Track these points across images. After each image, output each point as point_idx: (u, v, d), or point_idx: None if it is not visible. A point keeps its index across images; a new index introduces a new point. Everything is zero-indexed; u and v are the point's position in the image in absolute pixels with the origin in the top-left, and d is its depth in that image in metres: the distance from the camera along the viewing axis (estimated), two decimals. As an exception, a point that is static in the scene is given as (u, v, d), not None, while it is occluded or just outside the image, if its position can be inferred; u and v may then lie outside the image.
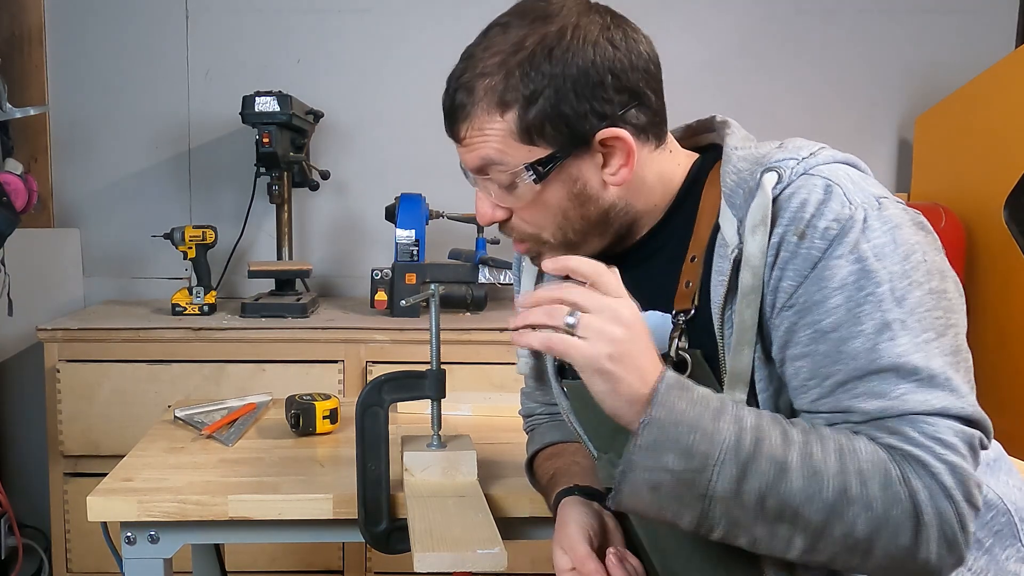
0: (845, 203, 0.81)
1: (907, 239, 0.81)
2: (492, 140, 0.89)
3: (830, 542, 0.76)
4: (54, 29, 2.61)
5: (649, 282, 0.96)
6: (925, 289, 0.79)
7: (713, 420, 0.77)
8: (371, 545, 1.13)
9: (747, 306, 0.84)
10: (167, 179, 2.67)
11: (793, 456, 0.76)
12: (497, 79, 0.87)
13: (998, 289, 2.26)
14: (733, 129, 0.95)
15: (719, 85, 2.67)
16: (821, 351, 0.81)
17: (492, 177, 0.91)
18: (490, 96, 0.88)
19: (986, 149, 2.28)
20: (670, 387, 0.78)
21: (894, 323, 0.78)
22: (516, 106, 0.87)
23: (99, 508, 1.13)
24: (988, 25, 2.71)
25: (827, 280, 0.80)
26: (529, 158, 0.88)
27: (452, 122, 0.92)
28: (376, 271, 2.31)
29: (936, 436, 0.76)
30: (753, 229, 0.83)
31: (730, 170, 0.89)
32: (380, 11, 2.65)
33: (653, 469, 0.77)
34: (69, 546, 2.21)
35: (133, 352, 2.14)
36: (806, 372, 0.82)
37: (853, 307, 0.79)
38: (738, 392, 0.86)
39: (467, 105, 0.89)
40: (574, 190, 0.91)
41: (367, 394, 1.10)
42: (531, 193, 0.90)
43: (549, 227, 0.93)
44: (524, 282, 1.12)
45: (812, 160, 0.85)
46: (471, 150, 0.91)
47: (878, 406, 0.78)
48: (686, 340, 0.91)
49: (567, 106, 0.87)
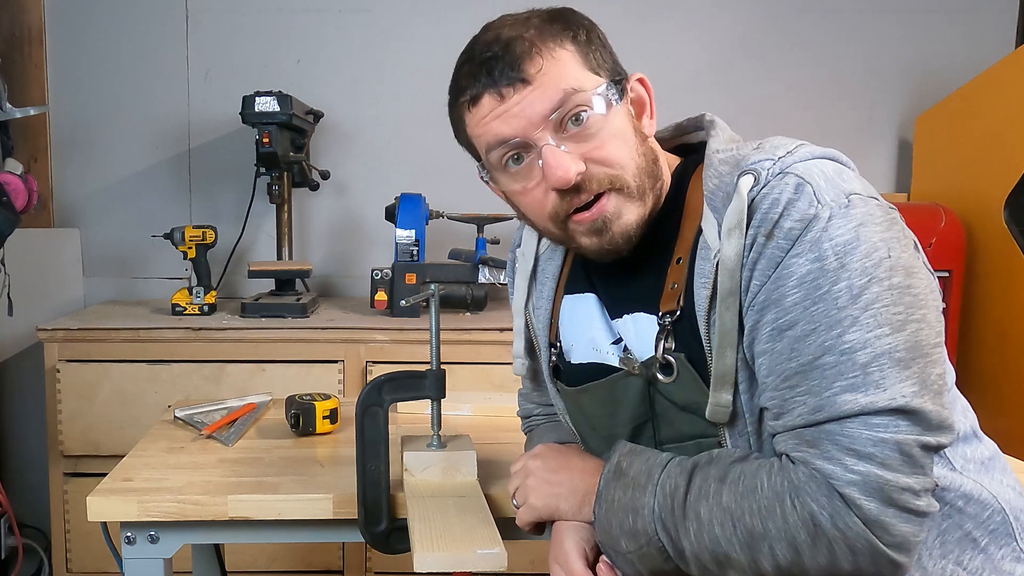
0: (812, 202, 0.80)
1: (871, 236, 0.79)
2: (568, 67, 0.87)
3: (769, 572, 0.82)
4: (54, 29, 2.61)
5: (635, 284, 0.96)
6: (885, 285, 0.78)
7: (643, 495, 0.88)
8: (371, 545, 1.13)
9: (727, 309, 0.84)
10: (167, 179, 2.67)
11: (708, 509, 0.84)
12: (541, 25, 0.89)
13: (998, 289, 2.26)
14: (718, 131, 0.95)
15: (719, 85, 2.67)
16: (778, 348, 0.81)
17: (567, 109, 0.86)
18: (545, 32, 0.88)
19: (986, 149, 2.28)
20: (608, 482, 0.92)
21: (845, 319, 0.78)
22: (570, 39, 0.89)
23: (99, 508, 1.13)
24: (988, 25, 2.71)
25: (786, 279, 0.80)
26: (595, 83, 0.88)
27: (513, 65, 0.86)
28: (376, 271, 2.31)
29: (850, 448, 0.77)
30: (729, 232, 0.83)
31: (711, 174, 0.89)
32: (380, 11, 2.65)
33: (618, 552, 0.91)
34: (69, 546, 2.21)
35: (133, 352, 2.14)
36: (765, 369, 0.83)
37: (809, 305, 0.79)
38: (724, 393, 0.87)
39: (527, 43, 0.87)
40: (631, 123, 0.91)
41: (367, 394, 1.10)
42: (605, 123, 0.88)
43: (629, 160, 0.89)
44: (518, 283, 1.11)
45: (788, 159, 0.85)
46: (544, 86, 0.86)
47: (810, 406, 0.80)
48: (672, 341, 0.91)
49: (607, 45, 0.92)
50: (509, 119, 0.87)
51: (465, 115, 0.91)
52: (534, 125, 0.87)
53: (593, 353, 1.02)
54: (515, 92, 0.86)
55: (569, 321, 1.05)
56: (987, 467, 0.92)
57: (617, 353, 0.99)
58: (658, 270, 0.93)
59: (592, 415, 1.03)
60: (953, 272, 2.27)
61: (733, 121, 0.99)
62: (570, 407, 1.07)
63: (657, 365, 0.92)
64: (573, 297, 1.05)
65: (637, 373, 0.94)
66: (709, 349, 0.87)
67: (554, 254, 1.08)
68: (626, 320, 0.97)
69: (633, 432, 0.98)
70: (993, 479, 0.92)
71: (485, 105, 0.88)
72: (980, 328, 2.32)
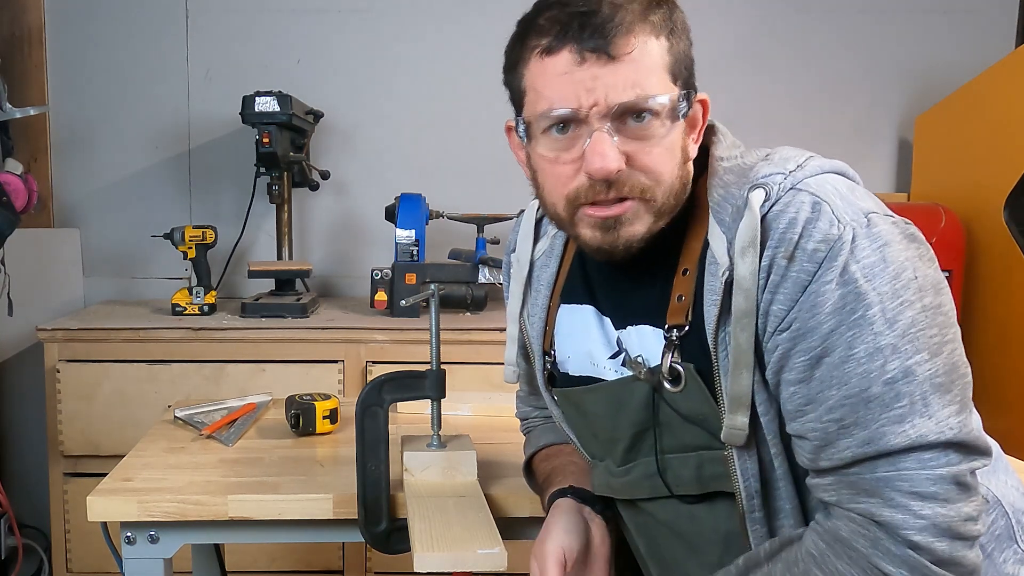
0: (833, 222, 0.79)
1: (896, 257, 0.79)
2: (654, 62, 0.83)
3: None
4: (54, 29, 2.61)
5: (639, 294, 0.94)
6: (917, 308, 0.78)
7: None
8: (371, 545, 1.13)
9: (742, 329, 0.82)
10: (167, 179, 2.67)
11: None
12: (647, 4, 0.84)
13: (998, 289, 2.26)
14: (720, 136, 0.93)
15: (719, 85, 2.64)
16: (817, 376, 0.80)
17: (636, 109, 0.82)
18: (648, 13, 0.83)
19: (986, 149, 2.28)
20: None
21: (885, 348, 0.77)
22: (666, 33, 0.84)
23: (99, 508, 1.13)
24: (988, 25, 2.71)
25: (819, 306, 0.78)
26: (671, 91, 0.84)
27: (605, 33, 0.81)
28: (376, 271, 2.31)
29: (913, 491, 0.76)
30: (743, 252, 0.81)
31: (716, 183, 0.88)
32: (380, 11, 2.65)
33: None
34: (69, 546, 2.21)
35: (133, 352, 2.14)
36: (801, 398, 0.81)
37: (845, 331, 0.78)
38: (740, 416, 0.84)
39: (629, 17, 0.82)
40: (683, 142, 0.87)
41: (367, 394, 1.10)
42: (664, 133, 0.84)
43: (668, 176, 0.86)
44: (513, 289, 1.09)
45: (799, 173, 0.83)
46: (625, 74, 0.81)
47: (859, 439, 0.78)
48: (678, 355, 0.89)
49: (691, 53, 0.88)
50: (580, 89, 0.82)
51: (532, 59, 0.85)
52: (599, 107, 0.82)
53: (590, 367, 1.00)
54: (596, 62, 0.81)
55: (566, 332, 1.03)
56: (993, 468, 0.92)
57: (614, 367, 0.97)
58: (663, 280, 0.91)
59: (595, 416, 1.01)
60: (953, 272, 2.28)
61: (733, 122, 0.98)
62: (568, 411, 1.06)
63: (663, 377, 0.89)
64: (570, 308, 1.03)
65: (644, 379, 0.92)
66: (717, 367, 0.86)
67: (549, 260, 1.05)
68: (630, 332, 0.95)
69: (634, 439, 0.96)
70: (998, 480, 0.92)
71: (561, 61, 0.82)
72: (980, 328, 2.32)
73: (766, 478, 0.87)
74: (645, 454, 0.96)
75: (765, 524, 0.88)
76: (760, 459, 0.86)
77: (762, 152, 0.89)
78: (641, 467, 0.97)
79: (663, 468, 0.94)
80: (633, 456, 0.97)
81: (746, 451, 0.86)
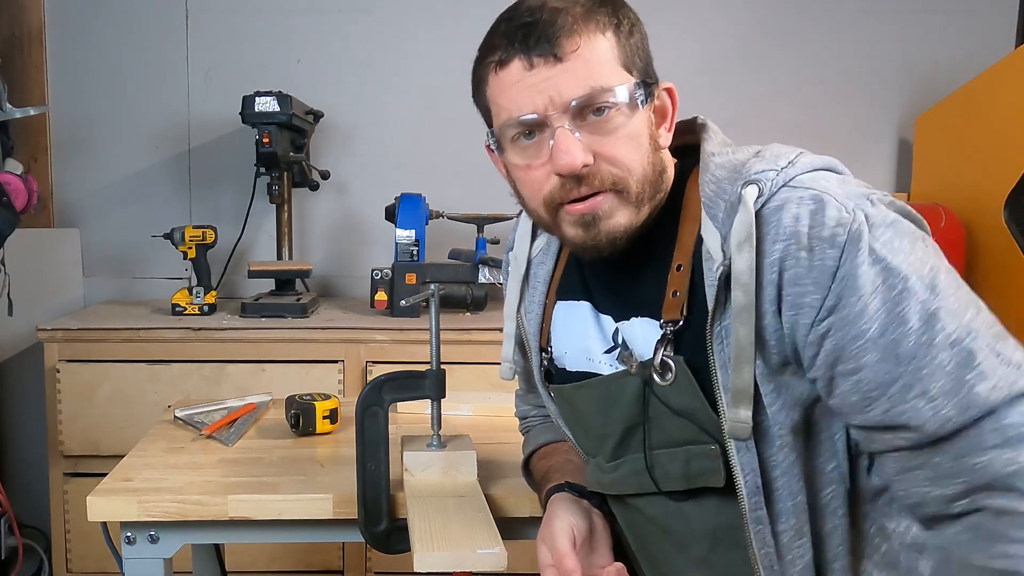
0: (840, 208, 0.80)
1: (907, 229, 0.82)
2: (603, 56, 0.85)
3: None
4: (54, 29, 2.61)
5: (635, 288, 0.95)
6: (943, 271, 0.81)
7: None
8: (371, 545, 1.13)
9: (741, 324, 0.82)
10: (167, 179, 2.67)
11: None
12: (589, 5, 0.86)
13: (998, 289, 2.26)
14: (711, 133, 0.94)
15: (719, 85, 2.67)
16: (876, 359, 0.79)
17: (592, 102, 0.85)
18: (591, 14, 0.86)
19: (986, 149, 2.28)
20: None
21: (939, 311, 0.78)
22: (612, 28, 0.87)
23: (99, 508, 1.13)
24: (988, 25, 2.71)
25: (858, 289, 0.78)
26: (626, 82, 0.86)
27: (550, 38, 0.84)
28: (376, 271, 2.31)
29: None
30: (739, 247, 0.82)
31: (708, 179, 0.88)
32: (380, 11, 2.65)
33: None
34: (69, 546, 2.21)
35: (133, 352, 2.14)
36: (867, 384, 0.80)
37: (892, 307, 0.78)
38: (743, 409, 0.84)
39: (570, 19, 0.84)
40: (649, 131, 0.89)
41: (367, 394, 1.10)
42: (625, 123, 0.86)
43: (638, 165, 0.87)
44: (510, 287, 1.10)
45: (791, 170, 0.84)
46: (575, 71, 0.84)
47: (957, 407, 0.77)
48: (671, 350, 0.90)
49: (645, 46, 0.90)
50: (533, 93, 0.85)
51: (490, 76, 0.89)
52: (555, 106, 0.85)
53: (586, 362, 1.01)
54: (545, 65, 0.84)
55: (562, 328, 1.04)
56: None
57: (610, 362, 0.98)
58: (657, 275, 0.92)
59: (585, 414, 1.02)
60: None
61: (733, 122, 0.99)
62: (563, 408, 1.06)
63: (655, 371, 0.90)
64: (567, 304, 1.04)
65: (635, 372, 0.93)
66: (713, 360, 0.86)
67: (546, 257, 1.07)
68: (633, 323, 0.95)
69: (624, 434, 0.97)
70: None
71: (513, 71, 0.86)
72: (980, 328, 2.32)
73: (766, 475, 0.87)
74: (634, 450, 0.96)
75: (768, 524, 0.88)
76: (760, 455, 0.86)
77: (753, 149, 0.90)
78: (629, 463, 0.97)
79: (651, 464, 0.94)
80: (622, 452, 0.98)
81: (745, 446, 0.86)
